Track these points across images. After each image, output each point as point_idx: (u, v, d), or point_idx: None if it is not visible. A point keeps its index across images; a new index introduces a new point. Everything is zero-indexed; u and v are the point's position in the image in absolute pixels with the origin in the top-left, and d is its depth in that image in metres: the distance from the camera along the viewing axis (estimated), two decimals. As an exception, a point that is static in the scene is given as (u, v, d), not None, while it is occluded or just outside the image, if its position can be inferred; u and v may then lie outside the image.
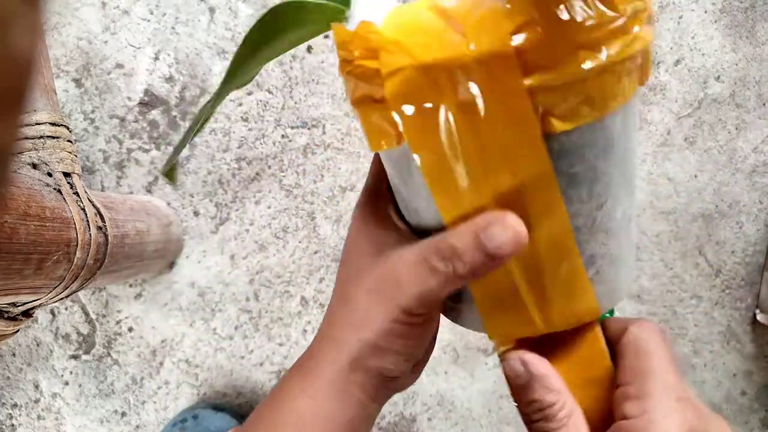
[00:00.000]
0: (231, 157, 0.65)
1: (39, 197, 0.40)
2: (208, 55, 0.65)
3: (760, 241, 0.68)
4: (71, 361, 0.65)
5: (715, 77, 0.68)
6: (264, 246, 0.65)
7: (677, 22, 0.67)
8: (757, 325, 0.68)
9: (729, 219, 0.68)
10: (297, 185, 0.65)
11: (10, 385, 0.65)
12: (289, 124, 0.65)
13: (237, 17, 0.65)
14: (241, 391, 0.66)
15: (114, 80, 0.65)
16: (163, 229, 0.59)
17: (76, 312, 0.65)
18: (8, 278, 0.37)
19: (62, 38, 0.64)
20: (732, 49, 0.68)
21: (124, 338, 0.65)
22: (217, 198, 0.65)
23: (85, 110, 0.64)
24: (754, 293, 0.68)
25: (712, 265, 0.68)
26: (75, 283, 0.44)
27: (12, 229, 0.36)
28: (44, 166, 0.44)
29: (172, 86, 0.65)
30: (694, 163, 0.68)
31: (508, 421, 0.67)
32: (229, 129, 0.65)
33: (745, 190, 0.68)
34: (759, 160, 0.68)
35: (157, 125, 0.65)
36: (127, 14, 0.65)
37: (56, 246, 0.40)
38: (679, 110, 0.67)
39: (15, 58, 0.11)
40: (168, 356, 0.65)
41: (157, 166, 0.65)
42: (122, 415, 0.65)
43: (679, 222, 0.68)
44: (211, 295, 0.65)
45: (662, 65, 0.67)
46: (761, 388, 0.68)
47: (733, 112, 0.68)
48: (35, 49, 0.11)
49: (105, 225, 0.47)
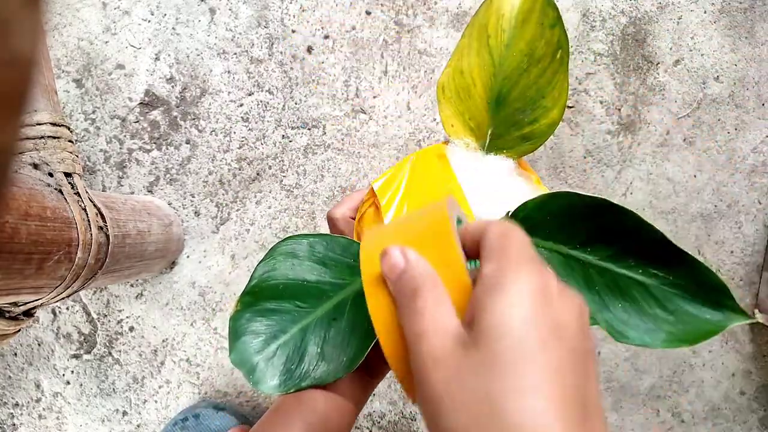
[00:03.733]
0: (232, 157, 0.65)
1: (40, 197, 0.40)
2: (209, 56, 0.65)
3: (758, 241, 0.68)
4: (72, 360, 0.65)
5: (714, 77, 0.68)
6: (264, 246, 0.65)
7: (677, 22, 0.68)
8: (756, 325, 0.68)
9: (728, 219, 0.68)
10: (297, 185, 0.66)
11: (11, 385, 0.66)
12: (289, 125, 0.66)
13: (237, 18, 0.65)
14: (241, 390, 0.66)
15: (115, 81, 0.65)
16: (164, 229, 0.59)
17: (78, 312, 0.65)
18: (9, 278, 0.37)
19: (63, 39, 0.65)
20: (731, 49, 0.68)
21: (125, 338, 0.65)
22: (218, 198, 0.65)
23: (86, 110, 0.65)
24: (753, 293, 0.68)
25: (711, 265, 0.68)
26: (76, 283, 0.44)
27: (13, 229, 0.36)
28: (45, 167, 0.44)
29: (173, 87, 0.65)
30: (693, 163, 0.68)
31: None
32: (230, 129, 0.65)
33: (744, 190, 0.68)
34: (758, 161, 0.68)
35: (158, 125, 0.65)
36: (128, 15, 0.65)
37: (57, 246, 0.40)
38: (678, 110, 0.68)
39: (16, 59, 0.11)
40: (169, 355, 0.65)
41: (158, 166, 0.65)
42: (123, 414, 0.66)
43: (678, 222, 0.68)
44: (211, 294, 0.65)
45: (661, 66, 0.67)
46: (760, 388, 0.68)
47: (732, 112, 0.68)
48: (36, 50, 0.12)
49: (106, 225, 0.47)
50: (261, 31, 0.66)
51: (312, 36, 0.66)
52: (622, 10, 0.67)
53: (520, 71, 0.33)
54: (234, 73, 0.65)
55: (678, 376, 0.67)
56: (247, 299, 0.34)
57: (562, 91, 0.33)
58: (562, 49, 0.32)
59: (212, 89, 0.65)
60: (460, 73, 0.33)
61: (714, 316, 0.29)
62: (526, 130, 0.34)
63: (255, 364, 0.34)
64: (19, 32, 0.11)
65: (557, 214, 0.31)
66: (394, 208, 0.35)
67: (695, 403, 0.68)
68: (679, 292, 0.30)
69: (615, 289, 0.31)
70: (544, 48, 0.32)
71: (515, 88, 0.33)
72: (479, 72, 0.33)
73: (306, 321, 0.34)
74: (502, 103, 0.33)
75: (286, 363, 0.33)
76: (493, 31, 0.32)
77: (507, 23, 0.32)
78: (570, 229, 0.32)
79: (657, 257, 0.30)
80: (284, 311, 0.34)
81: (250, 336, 0.34)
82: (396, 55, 0.66)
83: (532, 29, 0.32)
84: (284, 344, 0.34)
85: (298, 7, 0.66)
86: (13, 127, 0.12)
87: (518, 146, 0.34)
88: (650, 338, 0.30)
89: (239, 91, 0.65)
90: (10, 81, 0.11)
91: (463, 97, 0.34)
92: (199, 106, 0.65)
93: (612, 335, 0.30)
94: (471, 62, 0.33)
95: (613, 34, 0.67)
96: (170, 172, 0.65)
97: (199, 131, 0.65)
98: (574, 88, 0.67)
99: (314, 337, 0.33)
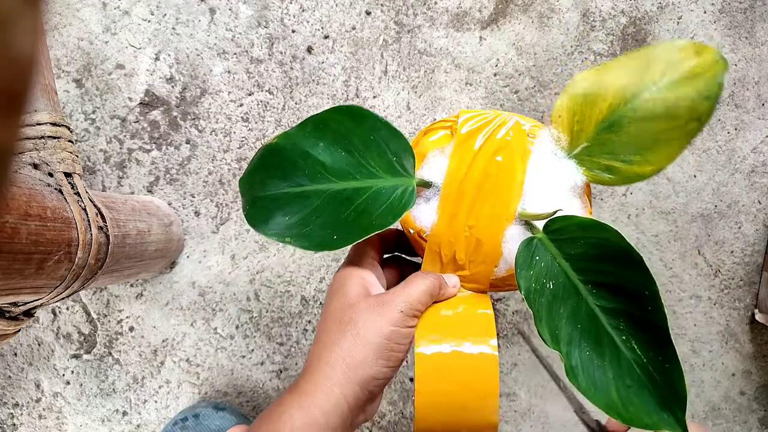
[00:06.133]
0: (232, 157, 0.65)
1: (40, 197, 0.40)
2: (209, 56, 0.65)
3: (758, 241, 0.68)
4: (72, 360, 0.65)
5: (714, 77, 0.68)
6: (264, 246, 0.66)
7: (677, 22, 0.68)
8: (755, 325, 0.68)
9: (728, 219, 0.68)
10: (297, 185, 0.66)
11: (11, 385, 0.66)
12: (289, 125, 0.66)
13: (237, 18, 0.65)
14: (241, 391, 0.66)
15: (115, 81, 0.65)
16: (164, 229, 0.59)
17: (78, 312, 0.65)
18: (9, 278, 0.37)
19: (63, 39, 0.65)
20: (731, 49, 0.68)
21: (125, 338, 0.65)
22: (218, 198, 0.65)
23: (86, 110, 0.65)
24: (753, 293, 0.68)
25: (711, 265, 0.68)
26: (76, 283, 0.44)
27: (13, 229, 0.36)
28: (45, 167, 0.44)
29: (173, 87, 0.65)
30: (693, 163, 0.68)
31: (506, 420, 0.67)
32: (230, 129, 0.65)
33: (744, 191, 0.68)
34: (758, 161, 0.68)
35: (158, 125, 0.65)
36: (128, 15, 0.65)
37: (57, 246, 0.40)
38: (678, 110, 0.67)
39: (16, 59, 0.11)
40: (169, 355, 0.65)
41: (158, 166, 0.65)
42: (123, 414, 0.66)
43: (678, 222, 0.68)
44: (211, 294, 0.65)
45: (661, 65, 0.67)
46: (760, 388, 0.68)
47: (732, 112, 0.68)
48: (36, 50, 0.12)
49: (106, 225, 0.47)
50: (261, 31, 0.66)
51: (312, 36, 0.66)
52: (622, 10, 0.67)
53: (650, 115, 0.32)
54: (234, 73, 0.65)
55: (678, 376, 0.67)
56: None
57: (669, 157, 0.32)
58: (698, 122, 0.31)
59: (212, 89, 0.65)
60: (600, 80, 0.33)
61: (659, 416, 0.30)
62: (615, 164, 0.33)
63: (256, 198, 0.36)
64: (19, 32, 0.11)
65: (591, 243, 0.32)
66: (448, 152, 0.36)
67: (695, 403, 0.68)
68: (644, 377, 0.31)
69: (592, 336, 0.32)
70: (685, 112, 0.31)
71: (634, 126, 0.33)
72: (616, 91, 0.33)
73: (326, 187, 0.36)
74: (613, 129, 0.33)
75: (285, 214, 0.35)
76: (655, 68, 0.32)
77: (672, 70, 0.32)
78: (590, 263, 0.32)
79: (646, 336, 0.31)
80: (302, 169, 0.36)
81: (267, 181, 0.37)
82: (396, 55, 0.66)
83: (688, 90, 0.31)
84: (296, 197, 0.36)
85: (298, 7, 0.66)
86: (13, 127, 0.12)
87: (598, 172, 0.34)
88: (594, 394, 0.31)
89: (239, 91, 0.65)
90: (10, 80, 0.11)
91: (587, 101, 0.34)
92: (199, 106, 0.65)
93: (565, 368, 0.31)
94: (616, 79, 0.33)
95: (613, 34, 0.67)
96: (170, 172, 0.65)
97: (199, 131, 0.65)
98: (574, 88, 0.67)
99: (322, 204, 0.36)
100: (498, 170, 0.34)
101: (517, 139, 0.35)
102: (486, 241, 0.34)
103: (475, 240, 0.35)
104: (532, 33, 0.67)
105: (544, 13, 0.67)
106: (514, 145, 0.35)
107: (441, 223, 0.35)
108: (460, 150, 0.35)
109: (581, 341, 0.32)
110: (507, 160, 0.34)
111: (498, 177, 0.34)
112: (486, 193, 0.34)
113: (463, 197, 0.34)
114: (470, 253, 0.35)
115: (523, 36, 0.67)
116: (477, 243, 0.35)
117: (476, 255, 0.35)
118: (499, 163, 0.34)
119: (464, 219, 0.35)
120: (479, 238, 0.34)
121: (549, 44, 0.67)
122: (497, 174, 0.34)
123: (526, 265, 0.33)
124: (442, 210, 0.35)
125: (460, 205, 0.34)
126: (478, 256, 0.35)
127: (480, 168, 0.34)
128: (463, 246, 0.35)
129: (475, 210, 0.34)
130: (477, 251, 0.35)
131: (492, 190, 0.34)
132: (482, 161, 0.34)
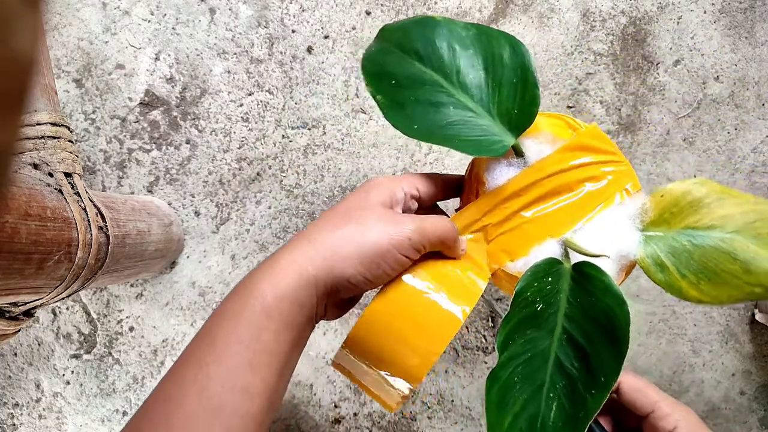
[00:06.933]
0: (232, 157, 0.65)
1: (40, 197, 0.40)
2: (209, 56, 0.65)
3: (759, 241, 0.68)
4: (72, 360, 0.65)
5: (714, 77, 0.68)
6: (265, 246, 0.66)
7: (676, 22, 0.68)
8: (755, 325, 0.68)
9: (728, 219, 0.68)
10: (297, 185, 0.66)
11: (11, 385, 0.66)
12: (289, 125, 0.66)
13: (237, 18, 0.65)
14: (241, 391, 0.66)
15: (115, 81, 0.65)
16: (164, 229, 0.59)
17: (78, 312, 0.65)
18: (9, 278, 0.37)
19: (63, 39, 0.65)
20: (731, 49, 0.68)
21: (125, 338, 0.65)
22: (218, 198, 0.65)
23: (85, 110, 0.65)
24: (754, 293, 0.68)
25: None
26: (76, 283, 0.44)
27: (13, 229, 0.36)
28: (45, 167, 0.44)
29: (173, 87, 0.65)
30: (693, 163, 0.68)
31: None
32: (230, 129, 0.65)
33: (744, 191, 0.68)
34: (758, 161, 0.68)
35: (158, 125, 0.65)
36: (128, 15, 0.65)
37: (57, 246, 0.40)
38: (678, 110, 0.68)
39: (16, 59, 0.11)
40: (169, 356, 0.65)
41: (158, 166, 0.65)
42: (123, 414, 0.66)
43: (679, 222, 0.68)
44: (211, 294, 0.65)
45: (661, 66, 0.67)
46: (760, 388, 0.68)
47: (732, 112, 0.68)
48: (36, 50, 0.12)
49: (106, 225, 0.47)
50: (261, 31, 0.66)
51: (312, 36, 0.66)
52: (622, 10, 0.67)
53: (730, 256, 0.32)
54: (234, 73, 0.65)
55: (678, 376, 0.67)
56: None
57: (716, 298, 0.33)
58: (761, 288, 0.31)
59: (212, 89, 0.65)
60: (718, 197, 0.34)
61: None
62: (671, 267, 0.34)
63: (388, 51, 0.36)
64: (19, 32, 0.11)
65: (597, 305, 0.32)
66: None
67: (695, 403, 0.68)
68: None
69: (533, 369, 0.33)
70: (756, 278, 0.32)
71: (712, 251, 0.33)
72: (719, 215, 0.33)
73: (450, 91, 0.36)
74: (693, 241, 0.34)
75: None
76: (762, 227, 0.32)
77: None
78: (583, 318, 0.33)
79: (573, 410, 0.32)
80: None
81: None
82: (396, 55, 0.66)
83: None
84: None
85: (298, 7, 0.66)
86: (14, 127, 0.12)
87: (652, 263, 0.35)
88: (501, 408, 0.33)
89: (239, 91, 0.65)
90: (9, 80, 0.11)
91: (692, 205, 0.34)
92: (199, 106, 0.65)
93: (492, 372, 0.33)
94: (727, 207, 0.33)
95: (613, 34, 0.67)
96: (170, 172, 0.65)
97: (199, 131, 0.65)
98: (573, 88, 0.67)
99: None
100: (580, 193, 0.35)
101: (614, 182, 0.36)
102: (525, 238, 0.35)
103: (518, 229, 0.35)
104: (532, 33, 0.67)
105: (544, 13, 0.67)
106: (607, 185, 0.35)
107: (504, 192, 0.36)
108: (567, 151, 0.35)
109: (521, 365, 0.33)
110: (593, 191, 0.35)
111: (577, 198, 0.35)
112: (557, 202, 0.35)
113: (537, 189, 0.35)
114: (504, 234, 0.36)
115: (523, 36, 0.67)
116: (518, 233, 0.35)
117: (507, 241, 0.36)
118: (584, 188, 0.35)
119: (523, 207, 0.35)
120: (523, 232, 0.35)
121: (549, 44, 0.67)
122: (577, 196, 0.35)
123: (537, 276, 0.33)
124: (514, 185, 0.35)
125: (530, 193, 0.35)
126: (507, 243, 0.36)
127: (569, 179, 0.35)
128: (505, 225, 0.36)
129: (538, 208, 0.35)
130: (511, 239, 0.36)
131: (565, 205, 0.35)
132: (575, 176, 0.35)
